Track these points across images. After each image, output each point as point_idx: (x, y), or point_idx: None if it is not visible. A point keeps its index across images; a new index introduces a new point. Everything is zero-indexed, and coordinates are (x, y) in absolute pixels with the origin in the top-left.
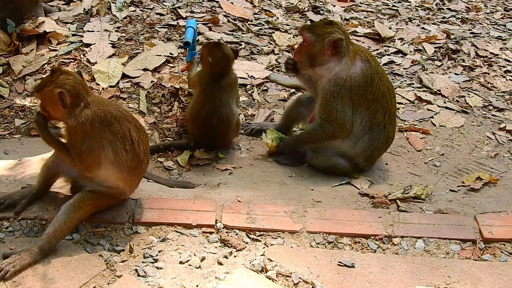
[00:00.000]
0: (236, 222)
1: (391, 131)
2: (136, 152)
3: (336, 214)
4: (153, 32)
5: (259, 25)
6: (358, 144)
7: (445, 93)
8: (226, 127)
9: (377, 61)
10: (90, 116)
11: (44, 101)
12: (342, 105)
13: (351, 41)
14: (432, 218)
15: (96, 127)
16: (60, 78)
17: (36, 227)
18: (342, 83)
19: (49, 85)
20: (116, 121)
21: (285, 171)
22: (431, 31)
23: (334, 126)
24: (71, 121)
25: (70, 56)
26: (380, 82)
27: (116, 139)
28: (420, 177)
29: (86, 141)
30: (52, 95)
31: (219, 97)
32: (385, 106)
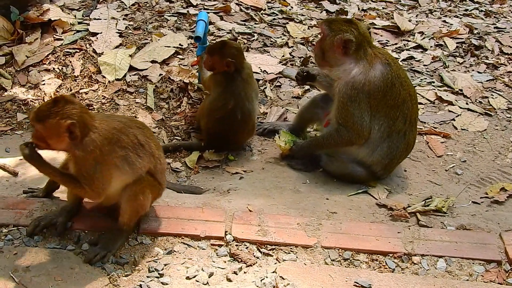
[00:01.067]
0: (246, 234)
1: (411, 138)
2: (149, 152)
3: (353, 227)
4: (162, 21)
5: (272, 15)
6: (376, 152)
7: (467, 93)
8: (246, 124)
9: (398, 65)
10: (99, 142)
11: (47, 133)
12: (359, 110)
13: (372, 44)
14: (454, 235)
15: (107, 149)
16: (66, 108)
17: (37, 235)
18: (360, 87)
19: (54, 117)
20: (122, 133)
21: (299, 176)
22: (453, 25)
23: (351, 132)
24: (79, 152)
25: (76, 45)
26: (401, 87)
27: (128, 152)
28: (441, 187)
29: (98, 167)
30: (58, 127)
31: (244, 90)
32: (405, 113)
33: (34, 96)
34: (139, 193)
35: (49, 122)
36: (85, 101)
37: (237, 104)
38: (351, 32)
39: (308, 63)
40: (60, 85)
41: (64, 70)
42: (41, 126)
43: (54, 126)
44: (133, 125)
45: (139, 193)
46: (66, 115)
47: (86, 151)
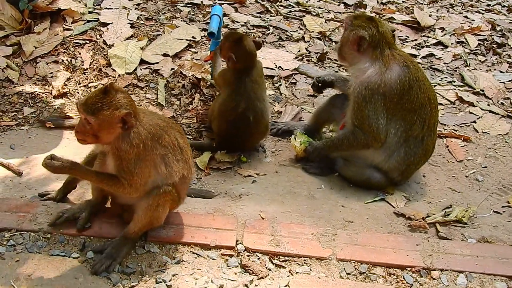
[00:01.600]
0: (258, 244)
1: (430, 144)
2: (185, 158)
3: (369, 238)
4: (175, 11)
5: (288, 7)
6: (392, 157)
7: (489, 94)
8: (259, 125)
9: (418, 67)
10: (144, 135)
11: (99, 126)
12: (375, 112)
13: (394, 45)
14: (476, 248)
15: (149, 145)
16: (118, 98)
17: (40, 241)
18: (375, 87)
19: (108, 108)
20: (165, 132)
21: (314, 181)
22: (474, 21)
23: (367, 135)
24: (124, 145)
25: (86, 36)
26: (419, 91)
27: (168, 152)
28: (461, 194)
29: (138, 162)
30: (113, 118)
31: (253, 91)
32: (423, 117)
33: (42, 89)
34: (160, 205)
35: (104, 113)
36: None
37: (248, 105)
38: (368, 30)
39: (324, 59)
40: (68, 78)
41: (73, 62)
42: (93, 119)
43: (108, 118)
44: (175, 127)
45: (160, 205)
46: (120, 105)
47: (131, 144)
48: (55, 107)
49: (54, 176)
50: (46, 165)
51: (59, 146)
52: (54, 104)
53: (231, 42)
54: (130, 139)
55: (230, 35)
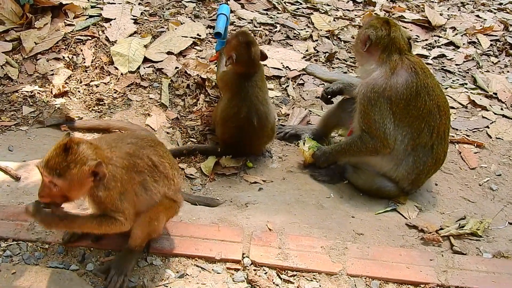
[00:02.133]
0: (266, 258)
1: (440, 152)
2: (164, 174)
3: (381, 253)
4: (180, 7)
5: (296, 4)
6: (401, 166)
7: (502, 98)
8: (264, 128)
9: (428, 74)
10: (118, 174)
11: (69, 186)
12: (380, 116)
13: (406, 51)
14: (492, 264)
15: (126, 179)
16: (82, 151)
17: (38, 251)
18: (380, 91)
19: (74, 166)
20: (137, 157)
21: (322, 189)
22: (486, 20)
23: (375, 140)
24: (102, 192)
25: (88, 32)
26: (428, 98)
27: (145, 176)
28: (475, 204)
29: (122, 197)
30: (83, 174)
31: (254, 95)
32: (432, 125)
33: (42, 87)
34: (153, 219)
35: (71, 173)
36: (96, 94)
37: (251, 110)
38: (378, 31)
39: (333, 59)
40: (69, 76)
41: (74, 59)
42: (61, 181)
43: (78, 176)
44: (144, 144)
45: (154, 219)
46: (86, 158)
47: (108, 189)
48: (55, 107)
49: None
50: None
51: None
52: (54, 103)
53: (238, 42)
54: (106, 184)
55: (240, 34)
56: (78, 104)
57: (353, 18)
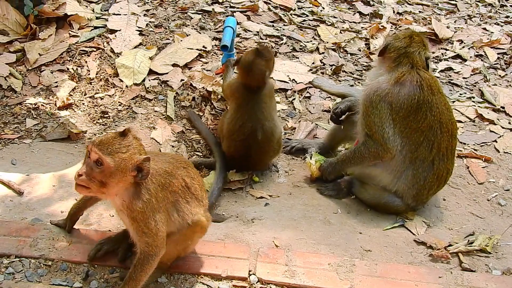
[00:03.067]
0: (272, 275)
1: (442, 169)
2: (195, 195)
3: (389, 270)
4: (185, 19)
5: (302, 16)
6: (400, 179)
7: (510, 111)
8: (270, 143)
9: (436, 91)
10: (153, 189)
11: (110, 170)
12: (380, 119)
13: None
14: (501, 281)
15: (160, 197)
16: (135, 143)
17: (41, 268)
18: (383, 94)
19: (126, 150)
20: (173, 177)
21: (329, 205)
22: (493, 33)
23: (377, 144)
24: (135, 203)
25: (93, 43)
26: (429, 113)
27: (178, 197)
28: (483, 220)
29: (155, 216)
30: (130, 163)
31: (260, 110)
32: (431, 140)
33: (46, 99)
34: (188, 238)
35: (121, 156)
36: (100, 107)
37: (256, 124)
38: (397, 41)
39: (340, 71)
40: (74, 88)
41: (79, 71)
42: (109, 160)
43: (125, 162)
44: (179, 165)
45: (189, 238)
46: (138, 150)
47: (143, 201)
48: (59, 120)
49: (56, 196)
50: None
51: (63, 163)
52: (58, 116)
53: (252, 50)
54: (140, 196)
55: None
56: (82, 117)
57: (360, 30)
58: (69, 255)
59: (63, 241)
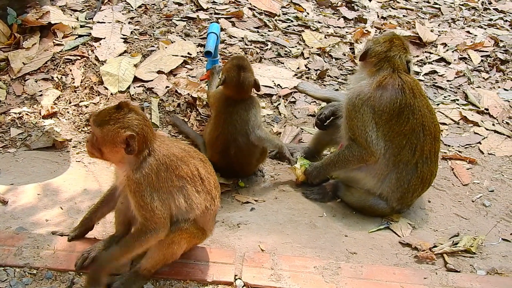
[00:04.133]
0: (258, 279)
1: (426, 172)
2: (208, 189)
3: (375, 272)
4: (170, 26)
5: (287, 21)
6: (384, 183)
7: (494, 113)
8: (247, 156)
9: (418, 94)
10: (155, 166)
11: (103, 140)
12: (363, 123)
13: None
14: (486, 281)
15: (163, 176)
16: (128, 117)
17: (26, 277)
18: (365, 98)
19: (114, 123)
20: (183, 162)
21: (315, 208)
22: (477, 36)
23: (360, 148)
24: (135, 175)
25: (77, 52)
26: (412, 116)
27: (186, 183)
28: (468, 221)
29: (154, 194)
30: (116, 136)
31: (232, 124)
32: (414, 143)
33: (30, 108)
34: (174, 243)
35: (108, 128)
36: (85, 115)
37: (228, 138)
38: (377, 46)
39: (324, 76)
40: (58, 97)
41: (63, 79)
42: (98, 131)
43: (111, 134)
44: (195, 155)
45: (176, 242)
46: (128, 125)
47: (142, 174)
48: (43, 128)
49: (41, 205)
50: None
51: (48, 172)
52: (43, 124)
53: (231, 65)
54: (141, 168)
55: (236, 58)
56: (67, 125)
57: (344, 35)
58: (54, 263)
59: (48, 250)
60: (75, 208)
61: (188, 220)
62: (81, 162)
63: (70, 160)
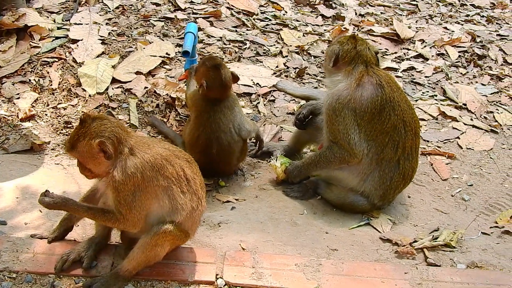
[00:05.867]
0: (239, 278)
1: (408, 168)
2: (194, 190)
3: (356, 268)
4: (148, 26)
5: (265, 20)
6: (367, 181)
7: (472, 108)
8: (228, 155)
9: (395, 88)
10: (140, 165)
11: (83, 159)
12: (344, 126)
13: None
14: (466, 274)
15: (148, 175)
16: (94, 126)
17: (5, 281)
18: (345, 102)
19: (83, 138)
20: (168, 162)
21: (295, 206)
22: (454, 32)
23: (342, 150)
24: (119, 175)
25: (54, 54)
26: (393, 112)
27: (171, 183)
28: (448, 215)
29: (137, 194)
30: (90, 149)
31: (215, 122)
32: (396, 140)
33: (7, 111)
34: (158, 245)
35: (79, 145)
36: (63, 117)
37: (211, 137)
38: (344, 45)
39: (303, 74)
40: (36, 99)
41: (41, 82)
42: (75, 153)
43: (85, 149)
44: (181, 155)
45: (159, 244)
46: (95, 134)
47: (126, 174)
48: (21, 131)
49: (20, 208)
50: (39, 202)
51: (26, 174)
52: (20, 127)
53: (206, 68)
54: (125, 169)
55: (208, 60)
56: (45, 128)
57: (323, 33)
58: (34, 267)
59: (27, 253)
60: (54, 210)
61: (173, 222)
62: (60, 164)
63: (49, 163)
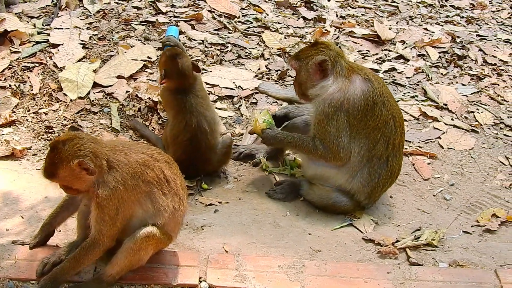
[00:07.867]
0: (223, 280)
1: (395, 165)
2: (175, 191)
3: (339, 268)
4: (129, 30)
5: (247, 23)
6: (355, 178)
7: (452, 108)
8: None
9: (381, 81)
10: (120, 177)
11: (67, 182)
12: (337, 129)
13: (347, 60)
14: (448, 273)
15: (130, 185)
16: (66, 149)
17: None
18: (338, 105)
19: (60, 164)
20: (147, 167)
21: (278, 208)
22: (434, 33)
23: (326, 149)
24: (102, 191)
25: (35, 59)
26: (384, 107)
27: (153, 187)
28: (430, 215)
29: (121, 206)
30: (72, 171)
31: (199, 104)
32: (387, 136)
33: None
34: (142, 249)
35: (60, 171)
36: (45, 122)
37: (199, 118)
38: (322, 53)
39: (285, 76)
40: (17, 105)
41: (21, 87)
42: (57, 180)
43: (67, 172)
44: (160, 158)
45: (142, 249)
46: (71, 156)
47: (109, 189)
48: (2, 137)
49: (1, 214)
50: None
51: (7, 181)
52: (1, 133)
53: (165, 57)
54: (106, 183)
55: (167, 50)
56: (26, 133)
57: (304, 35)
58: (16, 273)
59: (8, 259)
60: (36, 216)
61: (156, 225)
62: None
63: (30, 168)
